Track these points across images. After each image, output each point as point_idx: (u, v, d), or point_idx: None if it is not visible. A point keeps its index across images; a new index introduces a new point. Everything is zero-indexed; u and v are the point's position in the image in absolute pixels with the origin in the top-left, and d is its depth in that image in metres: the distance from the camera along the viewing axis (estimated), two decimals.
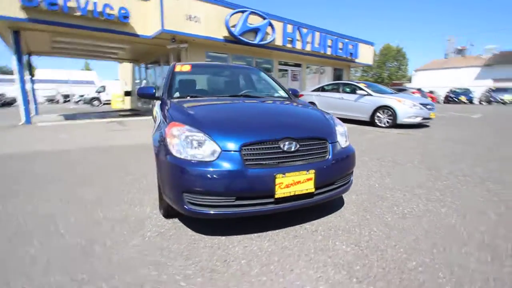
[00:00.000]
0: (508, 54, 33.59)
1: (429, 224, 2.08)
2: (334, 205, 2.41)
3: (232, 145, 1.71)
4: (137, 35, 9.03)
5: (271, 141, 1.77)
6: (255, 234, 1.94)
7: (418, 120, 7.68)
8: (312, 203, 1.91)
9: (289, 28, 11.75)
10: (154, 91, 2.76)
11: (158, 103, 2.98)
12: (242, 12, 10.02)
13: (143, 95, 2.80)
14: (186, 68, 3.13)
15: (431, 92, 23.92)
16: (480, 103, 23.09)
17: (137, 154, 4.60)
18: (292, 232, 1.98)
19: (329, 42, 13.63)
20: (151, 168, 3.68)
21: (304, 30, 12.37)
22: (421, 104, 7.89)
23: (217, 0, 9.59)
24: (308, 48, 12.72)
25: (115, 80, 30.10)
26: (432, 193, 2.72)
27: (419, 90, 18.97)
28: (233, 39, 10.08)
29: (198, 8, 9.16)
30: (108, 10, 7.95)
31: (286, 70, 14.18)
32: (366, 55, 16.40)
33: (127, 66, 17.01)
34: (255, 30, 10.51)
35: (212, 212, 1.70)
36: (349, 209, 2.36)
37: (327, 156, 1.92)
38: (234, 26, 9.91)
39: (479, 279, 1.46)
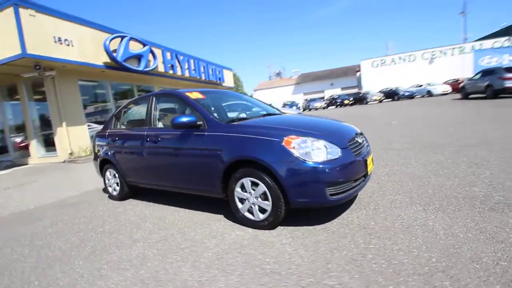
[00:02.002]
0: (307, 75, 48.17)
1: (409, 176, 3.46)
2: None
3: (343, 144, 2.30)
4: None
5: (353, 138, 2.51)
6: (347, 212, 2.57)
7: None
8: (370, 176, 2.78)
9: (168, 55, 11.87)
10: (196, 119, 2.67)
11: (180, 132, 2.82)
12: (122, 37, 9.28)
13: (184, 125, 2.63)
14: (199, 95, 3.12)
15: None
16: (304, 110, 31.70)
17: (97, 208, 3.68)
18: (361, 202, 2.75)
19: (202, 69, 14.75)
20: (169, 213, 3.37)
21: (181, 57, 12.85)
22: (298, 113, 10.53)
23: (90, 22, 8.39)
24: (186, 74, 13.26)
25: None
26: (379, 160, 4.26)
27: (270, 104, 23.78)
28: (116, 65, 9.10)
29: (68, 30, 7.69)
30: None
31: None
32: (229, 79, 18.88)
33: None
34: (138, 57, 9.96)
35: (343, 196, 2.21)
36: None
37: (367, 143, 2.87)
38: (115, 51, 8.98)
39: (464, 186, 2.87)
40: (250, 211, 2.44)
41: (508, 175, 2.96)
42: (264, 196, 2.31)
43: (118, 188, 3.82)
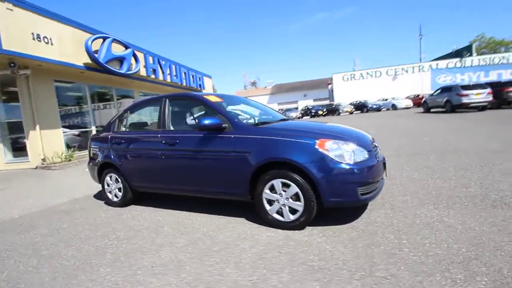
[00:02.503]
0: (281, 86, 49.55)
1: (408, 180, 3.74)
2: None
3: (368, 147, 2.46)
4: None
5: (372, 142, 2.70)
6: (366, 212, 2.73)
7: None
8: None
9: (150, 59, 11.56)
10: (221, 121, 2.68)
11: (201, 134, 2.80)
12: (104, 38, 8.89)
13: (209, 127, 2.63)
14: (218, 99, 3.13)
15: None
16: None
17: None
18: (375, 203, 2.94)
19: (183, 75, 14.54)
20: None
21: (163, 62, 12.59)
22: None
23: (72, 21, 7.95)
24: (168, 79, 12.99)
25: None
26: None
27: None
28: (97, 67, 8.66)
29: (49, 27, 7.23)
30: None
31: None
32: (208, 86, 18.79)
33: None
34: (121, 59, 9.59)
35: (371, 195, 2.35)
36: None
37: (379, 148, 3.09)
38: (97, 52, 8.56)
39: (460, 187, 3.18)
40: (279, 212, 2.49)
41: (494, 178, 3.36)
42: (295, 197, 2.38)
43: (120, 193, 3.63)
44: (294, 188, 2.36)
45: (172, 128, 3.20)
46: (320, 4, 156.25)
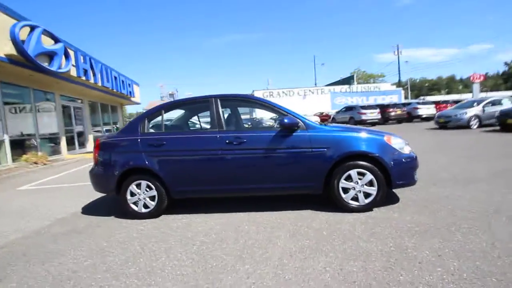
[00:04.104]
0: None
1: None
2: None
3: (407, 143, 3.24)
4: None
5: None
6: (400, 195, 3.48)
7: None
8: None
9: (82, 58, 9.88)
10: (297, 121, 2.93)
11: (273, 133, 2.98)
12: (32, 27, 7.23)
13: (289, 125, 2.87)
14: (273, 101, 3.33)
15: None
16: None
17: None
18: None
19: (114, 79, 12.92)
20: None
21: (93, 63, 10.91)
22: None
23: None
24: (100, 82, 11.32)
25: None
26: None
27: None
28: (24, 61, 6.95)
29: None
30: None
31: (68, 106, 11.20)
32: (137, 94, 17.15)
33: None
34: (51, 54, 7.92)
35: (417, 178, 3.08)
36: None
37: None
38: (23, 42, 6.81)
39: (446, 174, 4.37)
40: (353, 198, 2.92)
41: (459, 166, 4.77)
42: (369, 183, 2.88)
43: (153, 203, 3.21)
44: (369, 176, 2.86)
45: (231, 128, 3.19)
46: (232, 26, 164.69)
